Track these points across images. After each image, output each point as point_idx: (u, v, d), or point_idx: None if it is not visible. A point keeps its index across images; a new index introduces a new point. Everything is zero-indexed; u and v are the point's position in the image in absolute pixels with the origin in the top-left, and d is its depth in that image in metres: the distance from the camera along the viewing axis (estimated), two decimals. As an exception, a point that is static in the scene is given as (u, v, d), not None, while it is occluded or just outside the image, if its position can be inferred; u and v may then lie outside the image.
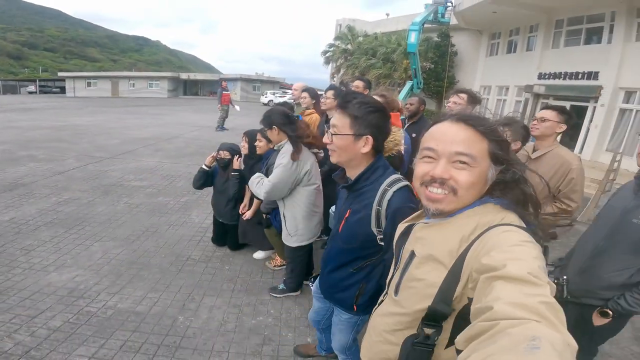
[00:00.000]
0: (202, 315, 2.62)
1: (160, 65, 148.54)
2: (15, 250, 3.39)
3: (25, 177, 5.66)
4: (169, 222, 4.23)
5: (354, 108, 1.33)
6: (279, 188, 2.46)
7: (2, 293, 2.75)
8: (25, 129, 10.99)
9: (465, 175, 0.82)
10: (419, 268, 0.89)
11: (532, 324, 0.51)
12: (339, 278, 1.58)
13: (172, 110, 20.50)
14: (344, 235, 1.50)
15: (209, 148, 8.78)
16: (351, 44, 26.27)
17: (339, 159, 1.39)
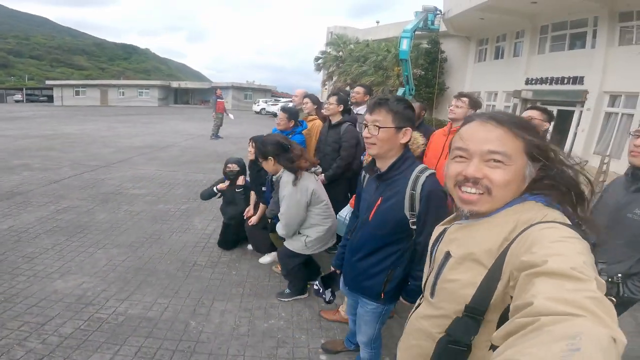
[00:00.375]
0: (214, 320, 2.62)
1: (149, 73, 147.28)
2: (17, 258, 3.34)
3: (21, 186, 5.58)
4: (171, 229, 4.22)
5: (393, 105, 1.48)
6: (294, 217, 2.58)
7: (7, 300, 2.70)
8: (15, 137, 10.83)
9: (499, 173, 0.81)
10: (455, 269, 0.88)
11: (575, 319, 0.48)
12: (368, 265, 1.65)
13: (164, 119, 20.38)
14: (375, 222, 1.59)
15: (204, 157, 8.79)
16: (343, 51, 26.51)
17: (379, 151, 1.52)
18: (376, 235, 1.61)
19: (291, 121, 3.58)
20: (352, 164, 3.40)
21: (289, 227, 2.64)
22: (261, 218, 3.41)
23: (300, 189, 2.54)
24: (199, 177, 6.75)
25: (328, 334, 2.57)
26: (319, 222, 2.68)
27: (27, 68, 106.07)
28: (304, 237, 2.69)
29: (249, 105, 36.24)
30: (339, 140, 3.35)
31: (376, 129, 1.48)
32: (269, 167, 2.66)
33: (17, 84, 58.41)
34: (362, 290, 1.72)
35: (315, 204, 2.63)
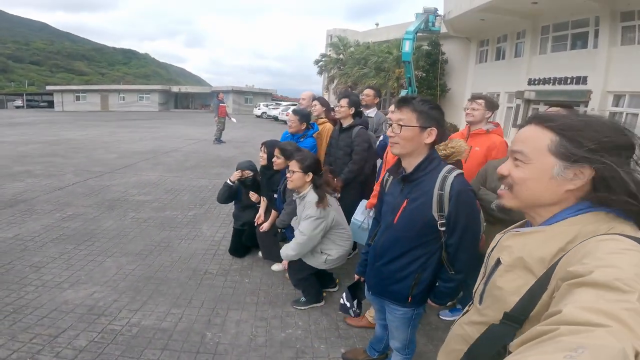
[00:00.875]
0: (230, 330, 2.55)
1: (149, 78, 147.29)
2: (24, 267, 3.27)
3: (24, 193, 5.52)
4: (179, 236, 4.15)
5: (418, 104, 1.47)
6: (311, 240, 2.54)
7: (17, 311, 2.63)
8: (17, 143, 10.78)
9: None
10: (503, 276, 0.87)
11: (595, 331, 0.47)
12: (394, 269, 1.61)
13: (165, 124, 20.37)
14: (401, 224, 1.56)
15: (209, 161, 8.74)
16: (343, 53, 26.57)
17: (402, 150, 1.51)
18: (402, 238, 1.57)
19: (303, 123, 3.52)
20: (364, 168, 3.33)
21: (300, 250, 2.58)
22: (272, 225, 3.34)
23: (324, 213, 2.50)
24: (204, 182, 6.68)
25: (347, 342, 2.50)
26: (340, 244, 2.65)
27: (27, 73, 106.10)
28: (326, 255, 2.64)
29: (249, 109, 36.28)
30: (351, 144, 3.29)
31: (399, 128, 1.47)
32: (301, 180, 2.56)
33: (17, 89, 58.44)
34: (388, 294, 1.68)
35: (334, 228, 2.61)
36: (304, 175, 2.54)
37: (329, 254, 2.64)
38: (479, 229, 1.61)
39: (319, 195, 2.51)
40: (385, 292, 1.69)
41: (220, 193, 3.60)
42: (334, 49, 27.24)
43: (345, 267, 3.40)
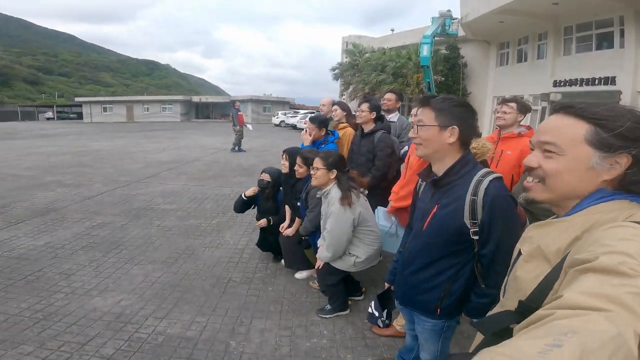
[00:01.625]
0: (255, 339, 2.53)
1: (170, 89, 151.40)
2: (54, 275, 3.37)
3: (55, 202, 5.72)
4: (203, 244, 4.19)
5: (437, 102, 1.40)
6: (341, 236, 2.49)
7: (46, 318, 2.69)
8: (48, 154, 11.26)
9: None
10: (523, 267, 0.87)
11: (591, 315, 0.46)
12: (422, 279, 1.52)
13: (187, 134, 20.84)
14: (429, 231, 1.47)
15: (229, 170, 8.87)
16: (359, 60, 26.59)
17: (425, 152, 1.44)
18: (431, 246, 1.47)
19: (322, 129, 3.48)
20: (387, 174, 3.28)
21: (335, 248, 2.54)
22: (296, 232, 3.32)
23: (349, 207, 2.46)
24: (226, 191, 6.77)
25: (375, 352, 2.43)
26: (368, 243, 2.59)
27: (57, 85, 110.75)
28: (354, 257, 2.59)
29: (268, 118, 36.72)
30: (373, 150, 3.23)
31: (417, 128, 1.42)
32: (326, 177, 2.55)
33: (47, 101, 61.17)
34: (415, 305, 1.60)
35: (361, 225, 2.55)
36: (328, 172, 2.53)
37: (357, 255, 2.59)
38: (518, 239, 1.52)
39: (343, 191, 2.48)
40: (413, 302, 1.61)
41: (235, 204, 3.75)
42: (350, 55, 27.32)
43: (371, 275, 3.36)
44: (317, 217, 2.85)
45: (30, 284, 3.19)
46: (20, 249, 3.91)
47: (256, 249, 3.99)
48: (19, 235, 4.31)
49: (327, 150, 2.87)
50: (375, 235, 2.63)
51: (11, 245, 4.00)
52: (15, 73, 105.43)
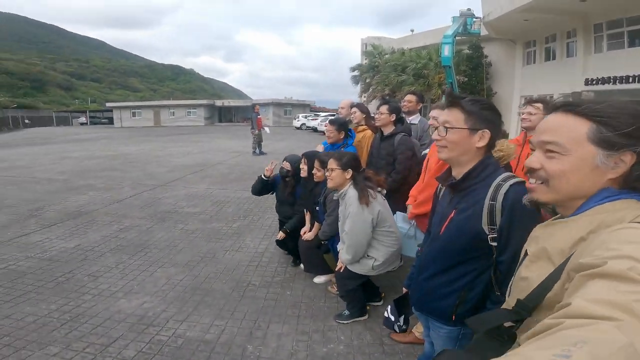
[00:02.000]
0: (271, 344, 2.55)
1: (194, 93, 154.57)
2: (83, 277, 3.51)
3: (86, 206, 5.99)
4: (224, 247, 4.28)
5: (467, 104, 1.34)
6: (360, 237, 2.47)
7: (73, 320, 2.79)
8: (81, 159, 11.80)
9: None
10: (528, 267, 0.85)
11: (601, 324, 0.45)
12: (437, 285, 1.48)
13: (210, 138, 21.31)
14: (446, 236, 1.43)
15: (251, 174, 8.98)
16: (379, 61, 26.40)
17: (450, 155, 1.38)
18: (447, 251, 1.44)
19: (341, 132, 3.48)
20: (408, 177, 3.22)
21: (355, 249, 2.52)
22: (315, 236, 3.33)
23: (367, 207, 2.44)
24: (247, 194, 6.78)
25: (393, 359, 2.41)
26: (388, 244, 2.56)
27: (89, 91, 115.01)
28: (372, 260, 2.57)
29: (289, 121, 36.96)
30: (393, 153, 3.19)
31: (445, 131, 1.36)
32: (342, 178, 2.54)
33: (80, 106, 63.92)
34: (430, 311, 1.56)
35: (380, 225, 2.52)
36: (343, 172, 2.52)
37: (375, 257, 2.56)
38: None
39: (359, 191, 2.46)
40: (428, 309, 1.57)
41: (254, 185, 3.79)
42: (369, 57, 27.16)
43: (391, 280, 3.33)
44: (335, 221, 2.85)
45: (60, 285, 3.34)
46: (52, 251, 4.11)
47: (275, 253, 4.04)
48: (51, 237, 4.54)
49: (340, 150, 2.86)
50: (395, 237, 2.59)
51: (44, 247, 4.22)
52: (49, 79, 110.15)
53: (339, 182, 2.56)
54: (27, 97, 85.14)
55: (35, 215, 5.48)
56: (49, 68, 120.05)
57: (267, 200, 6.27)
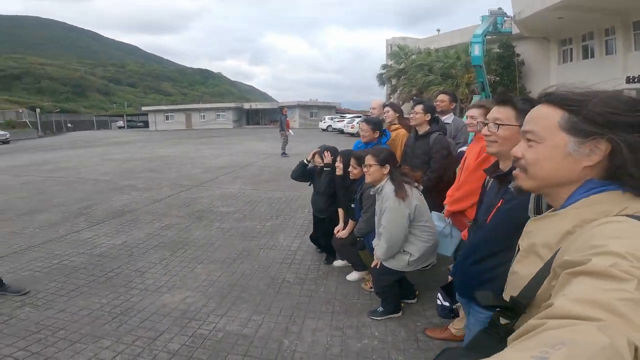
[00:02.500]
0: (307, 339, 2.64)
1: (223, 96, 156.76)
2: (130, 272, 3.73)
3: (130, 205, 6.36)
4: (259, 245, 4.44)
5: (519, 103, 1.44)
6: (397, 231, 2.49)
7: (124, 313, 2.95)
8: (122, 160, 12.48)
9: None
10: (520, 262, 0.87)
11: (581, 325, 0.44)
12: (482, 269, 1.54)
13: (240, 140, 21.82)
14: (492, 224, 1.51)
15: (280, 174, 9.19)
16: (405, 62, 26.12)
17: (500, 149, 1.48)
18: (493, 239, 1.50)
19: (376, 132, 3.52)
20: (443, 176, 3.24)
21: (391, 244, 2.55)
22: (350, 233, 3.38)
23: (404, 201, 2.48)
24: (279, 194, 7.06)
25: (428, 355, 2.43)
26: (424, 239, 2.59)
27: (125, 95, 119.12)
28: (408, 255, 2.60)
29: (315, 123, 37.20)
30: (429, 152, 3.22)
31: (496, 127, 1.45)
32: (379, 174, 2.60)
33: (118, 111, 66.91)
34: (473, 296, 1.63)
35: (417, 219, 2.55)
36: (381, 167, 2.58)
37: (411, 252, 2.59)
38: None
39: (396, 186, 2.50)
40: (471, 293, 1.59)
41: (295, 169, 3.92)
42: (395, 58, 26.91)
43: (425, 278, 3.37)
44: (371, 218, 2.89)
45: (110, 280, 3.57)
46: (101, 247, 4.41)
47: (308, 251, 4.16)
48: (99, 234, 4.87)
49: (376, 147, 2.91)
50: (431, 232, 2.62)
51: (93, 244, 4.53)
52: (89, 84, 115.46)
53: (376, 178, 2.62)
54: (69, 101, 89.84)
55: (84, 213, 5.89)
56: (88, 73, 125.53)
57: (298, 200, 6.46)
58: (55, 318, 2.90)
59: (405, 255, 2.61)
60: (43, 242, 4.61)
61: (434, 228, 2.66)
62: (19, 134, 32.74)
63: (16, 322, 2.85)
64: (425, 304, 3.06)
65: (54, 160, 13.34)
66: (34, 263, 3.97)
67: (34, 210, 6.11)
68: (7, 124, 35.22)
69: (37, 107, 45.00)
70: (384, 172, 2.59)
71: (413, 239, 2.60)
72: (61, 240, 4.69)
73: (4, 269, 3.78)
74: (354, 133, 21.73)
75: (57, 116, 47.50)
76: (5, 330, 2.74)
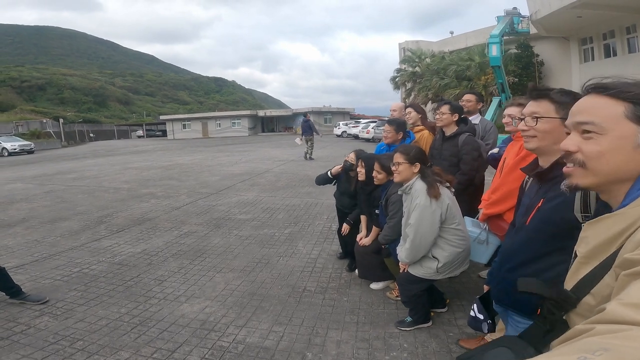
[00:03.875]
0: (331, 351, 2.52)
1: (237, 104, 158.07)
2: (149, 281, 3.70)
3: (150, 213, 6.39)
4: (278, 253, 4.35)
5: (557, 95, 1.36)
6: (425, 232, 2.35)
7: (142, 324, 2.89)
8: (141, 169, 12.67)
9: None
10: (577, 270, 0.80)
11: (633, 331, 0.41)
12: (522, 275, 1.40)
13: (255, 147, 21.93)
14: (533, 225, 1.39)
15: (298, 181, 9.15)
16: (419, 66, 25.99)
17: (540, 144, 1.38)
18: (534, 241, 1.39)
19: (399, 133, 3.44)
20: (474, 179, 3.10)
21: (417, 245, 2.39)
22: (373, 241, 3.25)
23: (436, 200, 2.33)
24: (296, 201, 6.98)
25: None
26: (454, 244, 2.42)
27: (144, 104, 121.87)
28: (435, 261, 2.44)
29: (329, 129, 37.20)
30: (458, 153, 3.08)
31: (534, 121, 1.36)
32: (407, 172, 2.45)
33: (138, 120, 68.75)
34: (511, 304, 1.50)
35: (448, 221, 2.39)
36: (411, 166, 2.43)
37: (438, 258, 2.43)
38: None
39: (428, 183, 2.36)
40: (509, 301, 1.51)
41: (319, 177, 3.92)
42: (409, 62, 26.79)
43: (455, 286, 3.22)
44: (398, 224, 2.73)
45: (129, 289, 3.53)
46: (121, 255, 4.41)
47: (329, 259, 4.06)
48: (120, 242, 4.88)
49: (405, 144, 2.78)
50: (463, 236, 2.45)
51: (114, 252, 4.54)
52: (109, 94, 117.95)
53: (405, 177, 2.46)
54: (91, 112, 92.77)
55: (105, 221, 5.94)
56: (108, 83, 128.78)
57: (316, 207, 6.36)
58: (74, 328, 2.86)
59: (432, 261, 2.45)
60: (64, 250, 4.65)
61: (465, 232, 2.49)
62: (43, 144, 33.81)
63: (34, 331, 2.83)
64: (457, 312, 2.91)
65: (76, 169, 13.68)
66: (55, 271, 3.99)
67: (56, 219, 6.21)
68: (31, 134, 36.57)
69: (61, 117, 46.62)
70: (414, 171, 2.44)
71: (443, 243, 2.44)
72: (82, 248, 4.72)
73: (25, 277, 3.82)
74: (370, 138, 21.60)
75: (80, 126, 49.17)
76: (23, 341, 2.71)
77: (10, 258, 4.41)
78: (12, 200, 8.04)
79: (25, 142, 28.89)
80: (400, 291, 2.73)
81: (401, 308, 2.93)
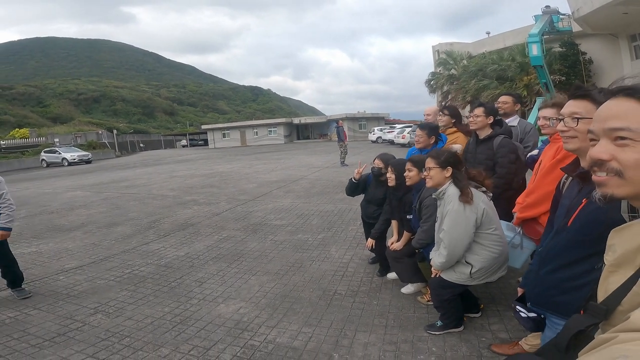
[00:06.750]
0: (358, 353, 2.57)
1: (273, 112, 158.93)
2: (191, 282, 3.96)
3: (192, 218, 6.81)
4: (311, 257, 4.50)
5: (597, 95, 1.32)
6: (459, 238, 2.33)
7: (182, 322, 3.07)
8: (185, 177, 13.44)
9: (629, 152, 0.69)
10: (608, 279, 0.77)
11: None
12: (564, 278, 1.42)
13: (291, 155, 22.34)
14: (575, 227, 1.37)
15: (332, 187, 9.28)
16: (455, 68, 25.35)
17: (581, 145, 1.35)
18: (577, 243, 1.36)
19: (432, 137, 3.42)
20: (512, 182, 3.02)
21: (451, 252, 2.35)
22: (406, 245, 3.25)
23: (470, 205, 2.30)
24: (330, 207, 7.11)
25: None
26: (491, 249, 2.38)
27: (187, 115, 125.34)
28: (469, 267, 2.41)
29: (364, 135, 37.02)
30: (493, 157, 3.01)
31: (575, 121, 1.33)
32: (441, 177, 2.43)
33: (182, 130, 72.16)
34: (552, 306, 1.48)
35: (484, 226, 2.35)
36: (442, 170, 2.41)
37: (473, 264, 2.38)
38: None
39: (461, 189, 2.33)
40: (549, 304, 1.49)
41: (347, 187, 3.98)
42: (444, 65, 26.20)
43: (491, 290, 3.18)
44: (432, 228, 2.70)
45: (173, 289, 3.80)
46: (167, 258, 4.76)
47: (360, 264, 4.13)
48: (166, 246, 5.27)
49: (437, 148, 2.77)
50: (501, 241, 2.39)
51: (160, 255, 4.91)
52: (156, 105, 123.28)
53: (438, 182, 2.44)
54: (140, 122, 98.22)
55: (153, 226, 6.41)
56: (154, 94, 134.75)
57: (349, 213, 6.45)
58: (123, 325, 3.12)
59: (466, 267, 2.41)
60: (118, 253, 5.09)
61: (503, 237, 2.44)
62: (99, 154, 36.52)
63: (89, 328, 3.11)
64: (491, 317, 2.86)
65: (128, 177, 14.76)
66: (109, 272, 4.39)
67: (111, 224, 6.79)
68: (89, 145, 39.41)
69: (114, 128, 50.07)
70: (446, 175, 2.42)
71: (479, 248, 2.40)
72: (133, 251, 5.14)
73: (83, 277, 4.25)
74: (405, 143, 21.33)
75: (131, 136, 52.36)
76: (78, 337, 2.99)
77: (71, 260, 4.91)
78: (72, 206, 8.86)
79: (83, 152, 31.13)
80: (432, 295, 2.71)
81: (432, 312, 2.93)
